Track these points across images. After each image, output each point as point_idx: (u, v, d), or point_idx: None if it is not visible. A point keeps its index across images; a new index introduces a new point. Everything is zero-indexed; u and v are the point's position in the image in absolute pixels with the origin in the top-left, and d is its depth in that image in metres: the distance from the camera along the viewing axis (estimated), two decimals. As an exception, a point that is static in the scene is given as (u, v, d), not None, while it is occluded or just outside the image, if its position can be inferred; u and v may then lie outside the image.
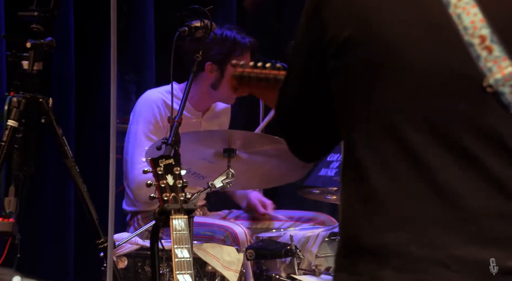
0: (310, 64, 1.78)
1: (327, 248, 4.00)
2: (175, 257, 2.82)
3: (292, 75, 1.86)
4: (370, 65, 1.68)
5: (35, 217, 4.12)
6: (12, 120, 3.38)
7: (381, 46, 1.67)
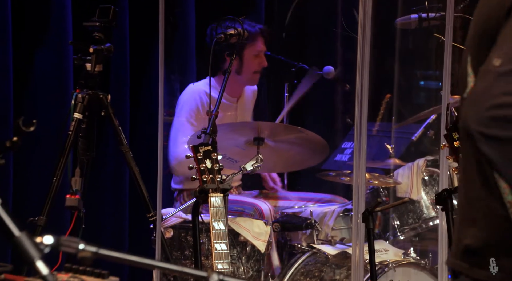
0: None
1: (341, 222, 4.00)
2: (212, 228, 2.82)
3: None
4: None
5: (96, 194, 4.14)
6: (78, 113, 3.42)
7: None
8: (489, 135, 1.52)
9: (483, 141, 1.53)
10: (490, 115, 1.50)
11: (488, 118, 1.51)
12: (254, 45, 4.16)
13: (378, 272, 3.39)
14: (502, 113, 1.50)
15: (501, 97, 1.50)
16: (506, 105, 1.50)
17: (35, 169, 4.00)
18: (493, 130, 1.51)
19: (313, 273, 3.68)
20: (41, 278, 1.55)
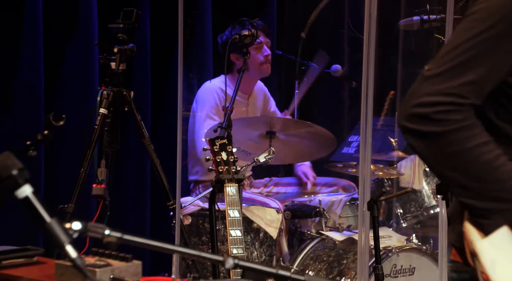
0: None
1: (348, 210, 4.00)
2: (228, 216, 2.81)
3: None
4: None
5: (120, 184, 4.16)
6: (103, 109, 3.43)
7: None
8: (413, 130, 1.62)
9: (409, 135, 1.65)
10: (414, 112, 1.61)
11: (412, 115, 1.62)
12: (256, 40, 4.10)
13: (383, 256, 3.39)
14: (424, 111, 1.60)
15: (424, 97, 1.61)
16: (428, 104, 1.60)
17: (64, 160, 4.02)
18: (416, 125, 1.62)
19: (322, 257, 3.69)
20: (70, 261, 1.56)
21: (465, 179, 1.63)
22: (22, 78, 3.88)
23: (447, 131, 1.60)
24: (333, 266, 3.61)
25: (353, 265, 3.53)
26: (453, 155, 1.62)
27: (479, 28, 1.62)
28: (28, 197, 1.54)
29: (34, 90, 3.87)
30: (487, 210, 1.63)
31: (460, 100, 1.60)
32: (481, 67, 1.61)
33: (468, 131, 1.61)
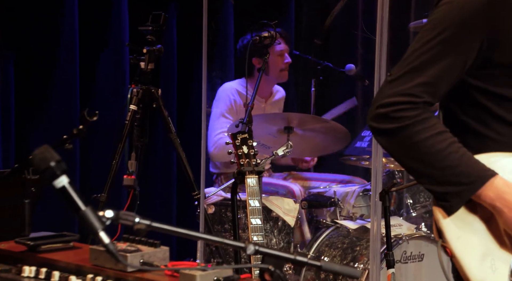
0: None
1: (361, 200, 3.98)
2: (248, 205, 2.82)
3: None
4: None
5: (149, 175, 4.17)
6: (133, 105, 3.44)
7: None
8: (377, 128, 1.75)
9: (375, 132, 1.77)
10: (377, 112, 1.73)
11: (375, 115, 1.74)
12: (276, 46, 4.11)
13: (393, 244, 3.38)
14: (384, 111, 1.72)
15: (385, 99, 1.72)
16: (388, 104, 1.71)
17: (97, 153, 4.04)
18: (379, 124, 1.74)
19: (336, 244, 3.68)
20: (104, 246, 1.57)
21: (423, 168, 1.74)
22: (59, 78, 3.91)
23: (404, 126, 1.71)
24: (347, 253, 3.60)
25: (366, 251, 3.52)
26: (411, 146, 1.72)
27: (430, 36, 1.74)
28: (65, 187, 1.56)
29: (70, 89, 3.90)
30: (446, 194, 1.73)
31: (414, 99, 1.72)
32: (432, 70, 1.72)
33: (422, 124, 1.72)
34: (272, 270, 1.61)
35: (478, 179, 1.72)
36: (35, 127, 3.86)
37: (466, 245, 1.74)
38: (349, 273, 1.67)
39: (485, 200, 1.72)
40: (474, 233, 1.75)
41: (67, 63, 3.90)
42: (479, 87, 1.77)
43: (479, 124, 1.79)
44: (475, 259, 1.74)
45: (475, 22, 1.71)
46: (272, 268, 1.61)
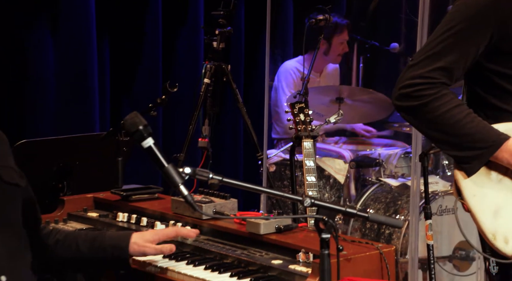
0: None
1: (402, 161, 3.93)
2: (304, 165, 2.80)
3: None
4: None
5: (219, 138, 4.20)
6: (207, 79, 3.46)
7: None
8: (401, 107, 1.78)
9: (400, 110, 1.79)
10: (400, 93, 1.77)
11: (399, 95, 1.77)
12: (342, 35, 4.13)
13: (431, 198, 3.31)
14: (406, 91, 1.75)
15: (406, 81, 1.76)
16: (409, 85, 1.75)
17: (177, 119, 4.08)
18: (403, 103, 1.77)
19: (380, 199, 3.65)
20: (183, 197, 1.59)
21: (445, 137, 1.77)
22: (145, 55, 3.94)
23: (424, 103, 1.75)
24: (389, 206, 3.57)
25: (406, 205, 3.48)
26: (432, 120, 1.76)
27: (447, 27, 1.78)
28: (151, 147, 1.58)
29: (154, 64, 3.94)
30: (467, 157, 1.77)
31: (432, 80, 1.75)
32: (449, 56, 1.76)
33: (441, 100, 1.74)
34: (326, 220, 1.60)
35: (494, 143, 1.75)
36: (126, 97, 3.93)
37: (480, 202, 1.76)
38: (393, 223, 1.65)
39: (501, 160, 1.76)
40: (488, 191, 1.77)
41: (152, 43, 3.94)
42: (496, 70, 1.80)
43: (498, 101, 1.82)
44: (488, 214, 1.76)
45: (486, 18, 1.76)
46: (325, 218, 1.61)
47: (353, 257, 1.94)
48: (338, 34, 4.10)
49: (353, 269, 1.91)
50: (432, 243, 2.66)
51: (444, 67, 1.76)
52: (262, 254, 2.08)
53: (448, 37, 1.76)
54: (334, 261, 1.62)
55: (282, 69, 4.23)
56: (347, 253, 1.95)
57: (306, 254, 2.00)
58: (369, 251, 1.99)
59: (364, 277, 1.54)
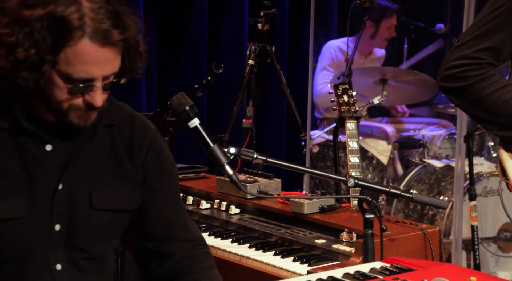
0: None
1: (446, 143, 3.87)
2: (348, 146, 2.78)
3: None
4: None
5: (263, 119, 4.18)
6: (251, 60, 3.45)
7: None
8: (447, 88, 1.74)
9: (445, 92, 1.76)
10: (446, 74, 1.72)
11: (445, 76, 1.73)
12: (390, 19, 4.06)
13: (475, 180, 3.27)
14: (452, 72, 1.71)
15: (452, 62, 1.72)
16: (455, 66, 1.71)
17: (222, 100, 4.09)
18: (449, 84, 1.73)
19: (424, 180, 3.61)
20: (228, 177, 1.60)
21: (491, 117, 1.73)
22: (191, 36, 3.95)
23: (470, 84, 1.71)
24: (433, 187, 3.53)
25: (450, 186, 3.43)
26: (478, 100, 1.71)
27: (494, 7, 1.71)
28: (197, 127, 1.59)
29: (200, 46, 3.95)
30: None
31: (479, 61, 1.71)
32: (495, 37, 1.71)
33: (487, 81, 1.70)
34: (369, 200, 1.59)
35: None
36: (172, 78, 3.96)
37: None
38: (437, 204, 1.63)
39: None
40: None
41: (198, 24, 3.94)
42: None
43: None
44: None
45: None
46: (369, 199, 1.59)
47: (397, 237, 1.93)
48: (386, 18, 4.04)
49: (397, 249, 1.89)
50: (477, 224, 2.62)
51: (491, 48, 1.72)
52: (305, 233, 2.08)
53: (495, 17, 1.72)
54: (378, 241, 1.61)
55: (325, 47, 4.19)
56: (390, 233, 1.94)
57: (349, 234, 1.99)
58: (413, 231, 1.97)
59: (408, 257, 1.52)
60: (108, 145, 1.51)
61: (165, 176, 1.58)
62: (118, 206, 1.51)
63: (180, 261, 1.57)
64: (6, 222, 1.40)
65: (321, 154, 3.77)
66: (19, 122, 1.42)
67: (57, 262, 1.45)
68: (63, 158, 1.46)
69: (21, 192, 1.42)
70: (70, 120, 1.41)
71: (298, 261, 1.94)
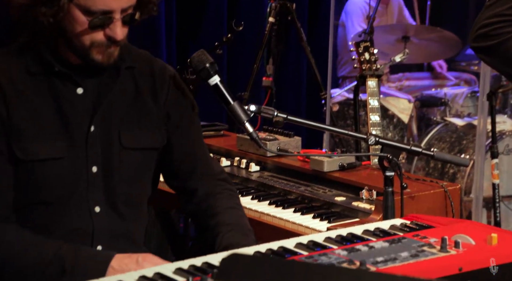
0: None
1: (469, 101, 3.83)
2: (368, 104, 2.77)
3: None
4: None
5: (283, 77, 4.15)
6: (271, 18, 3.41)
7: None
8: (479, 47, 1.74)
9: (477, 51, 1.76)
10: (477, 33, 1.73)
11: (476, 36, 1.74)
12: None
13: (497, 138, 3.23)
14: (484, 31, 1.72)
15: (483, 21, 1.73)
16: (486, 25, 1.71)
17: (242, 58, 4.06)
18: (480, 43, 1.73)
19: (445, 138, 3.58)
20: (248, 135, 1.60)
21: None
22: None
23: (503, 41, 1.70)
24: (454, 145, 3.50)
25: (472, 144, 3.40)
26: (511, 57, 1.72)
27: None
28: (217, 84, 1.58)
29: (220, 3, 3.91)
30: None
31: (511, 18, 1.70)
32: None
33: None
34: (390, 158, 1.58)
35: None
36: (192, 37, 3.93)
37: None
38: (459, 162, 1.61)
39: None
40: None
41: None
42: None
43: None
44: None
45: None
46: (390, 156, 1.58)
47: (417, 195, 1.92)
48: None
49: (417, 206, 1.89)
50: (498, 182, 2.61)
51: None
52: (325, 191, 2.08)
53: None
54: (397, 198, 1.61)
55: (351, 4, 4.13)
56: (411, 190, 1.93)
57: (369, 192, 1.99)
58: (434, 189, 1.96)
59: (428, 215, 1.51)
60: (132, 87, 1.56)
61: (187, 113, 1.63)
62: (147, 145, 1.56)
63: (204, 198, 1.62)
64: (50, 162, 1.45)
65: (341, 113, 3.74)
66: (51, 66, 1.47)
67: (95, 204, 1.49)
68: (92, 101, 1.50)
69: (59, 134, 1.46)
70: (93, 57, 1.45)
71: (318, 218, 1.94)
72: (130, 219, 1.54)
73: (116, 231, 1.51)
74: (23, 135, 1.43)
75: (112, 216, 1.51)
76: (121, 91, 1.53)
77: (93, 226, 1.49)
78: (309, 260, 1.21)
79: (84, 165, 1.48)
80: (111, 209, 1.51)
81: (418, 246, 1.27)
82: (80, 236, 1.47)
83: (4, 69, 1.44)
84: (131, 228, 1.55)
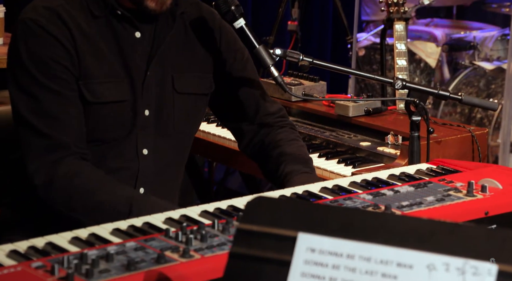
0: None
1: (499, 44, 3.71)
2: (395, 48, 2.73)
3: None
4: None
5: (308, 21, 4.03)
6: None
7: None
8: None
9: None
10: None
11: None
12: None
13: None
14: None
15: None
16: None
17: (266, 1, 3.98)
18: None
19: (473, 83, 3.51)
20: (274, 79, 1.58)
21: None
22: None
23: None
24: (482, 90, 3.44)
25: (501, 89, 3.33)
26: None
27: None
28: (242, 27, 1.56)
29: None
30: None
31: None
32: None
33: None
34: (417, 102, 1.56)
35: None
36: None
37: None
38: (488, 106, 1.58)
39: None
40: None
41: None
42: None
43: None
44: None
45: None
46: (417, 101, 1.56)
47: (444, 140, 1.90)
48: None
49: (443, 151, 1.87)
50: (526, 128, 2.56)
51: None
52: (350, 136, 2.07)
53: None
54: (423, 143, 1.59)
55: None
56: (437, 135, 1.91)
57: (395, 136, 1.98)
58: (461, 133, 1.94)
59: (455, 159, 1.50)
60: (183, 32, 1.58)
61: (239, 55, 1.64)
62: (197, 90, 1.58)
63: (267, 134, 1.65)
64: (115, 104, 1.48)
65: (367, 57, 3.69)
66: (113, 9, 1.49)
67: (144, 146, 1.52)
68: (149, 45, 1.52)
69: (123, 77, 1.49)
70: (147, 5, 1.47)
71: (343, 163, 1.94)
72: (173, 165, 1.57)
73: (159, 175, 1.54)
74: (92, 77, 1.45)
75: (157, 160, 1.53)
76: (174, 36, 1.55)
77: (139, 168, 1.51)
78: (334, 204, 1.21)
79: (140, 108, 1.50)
80: (158, 153, 1.53)
81: (444, 190, 1.26)
82: (125, 176, 1.50)
83: (72, 15, 1.46)
84: (173, 174, 1.58)
